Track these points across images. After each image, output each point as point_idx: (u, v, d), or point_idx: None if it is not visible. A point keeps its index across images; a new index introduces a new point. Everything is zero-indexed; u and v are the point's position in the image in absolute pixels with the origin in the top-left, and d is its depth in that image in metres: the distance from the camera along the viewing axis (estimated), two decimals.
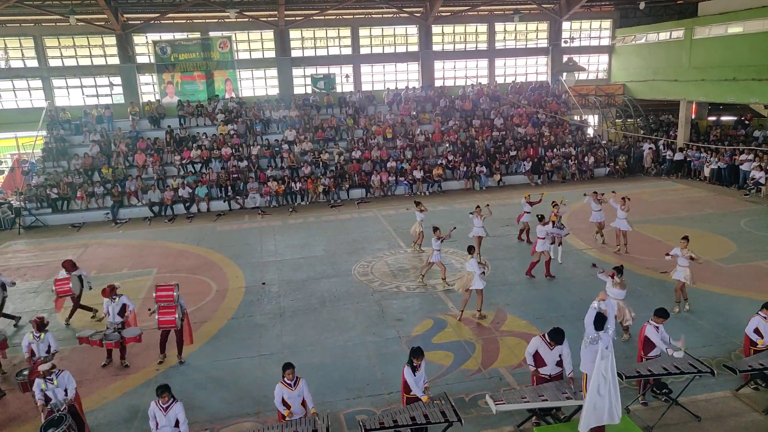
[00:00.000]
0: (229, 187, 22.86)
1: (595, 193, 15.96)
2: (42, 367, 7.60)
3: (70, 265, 11.99)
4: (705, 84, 25.56)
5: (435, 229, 13.24)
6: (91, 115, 25.75)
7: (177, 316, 9.72)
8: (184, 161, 23.87)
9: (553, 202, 14.33)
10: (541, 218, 13.26)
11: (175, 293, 9.78)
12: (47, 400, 7.54)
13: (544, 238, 12.97)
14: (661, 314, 8.02)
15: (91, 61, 27.18)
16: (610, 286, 9.67)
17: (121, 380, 9.62)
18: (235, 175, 23.26)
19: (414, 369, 7.31)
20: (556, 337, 7.42)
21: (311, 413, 7.25)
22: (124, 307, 10.17)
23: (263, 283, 13.79)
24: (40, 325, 9.08)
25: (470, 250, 11.43)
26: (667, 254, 11.41)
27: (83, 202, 22.05)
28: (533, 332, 10.46)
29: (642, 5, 28.30)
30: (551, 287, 12.80)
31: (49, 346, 9.07)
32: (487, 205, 15.55)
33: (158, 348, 10.16)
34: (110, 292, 10.11)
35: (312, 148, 24.93)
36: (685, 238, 11.31)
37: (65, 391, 7.63)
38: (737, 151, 23.08)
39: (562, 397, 7.30)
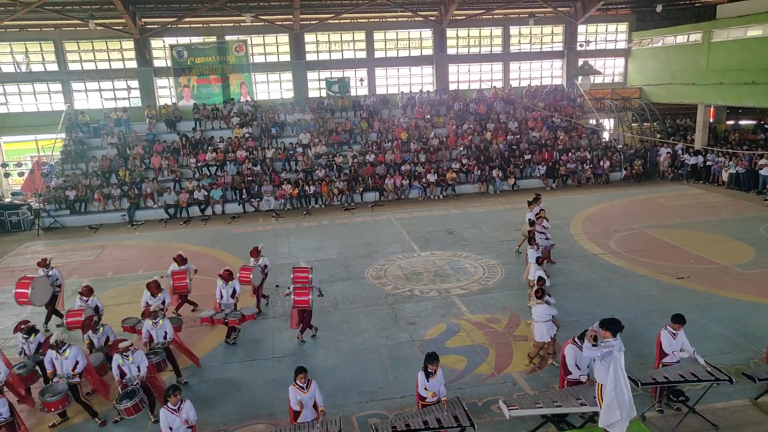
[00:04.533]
0: (244, 190, 23.03)
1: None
2: (122, 345, 8.41)
3: (255, 253, 12.64)
4: (723, 88, 25.22)
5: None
6: (109, 118, 26.10)
7: (311, 297, 10.62)
8: (199, 164, 24.09)
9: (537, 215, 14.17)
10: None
11: (310, 275, 10.95)
12: (122, 374, 8.36)
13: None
14: (678, 320, 7.89)
15: (110, 65, 27.59)
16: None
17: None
18: (250, 178, 23.41)
19: (428, 375, 7.29)
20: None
21: (320, 411, 7.28)
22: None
23: (277, 286, 13.84)
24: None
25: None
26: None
27: (100, 203, 22.34)
28: None
29: (659, 8, 27.99)
30: (566, 292, 12.69)
31: (166, 333, 9.56)
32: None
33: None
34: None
35: (326, 152, 25.02)
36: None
37: (138, 368, 8.38)
38: (756, 155, 22.72)
39: (576, 403, 7.23)
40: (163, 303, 10.78)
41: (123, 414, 8.09)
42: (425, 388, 7.30)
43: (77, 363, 8.48)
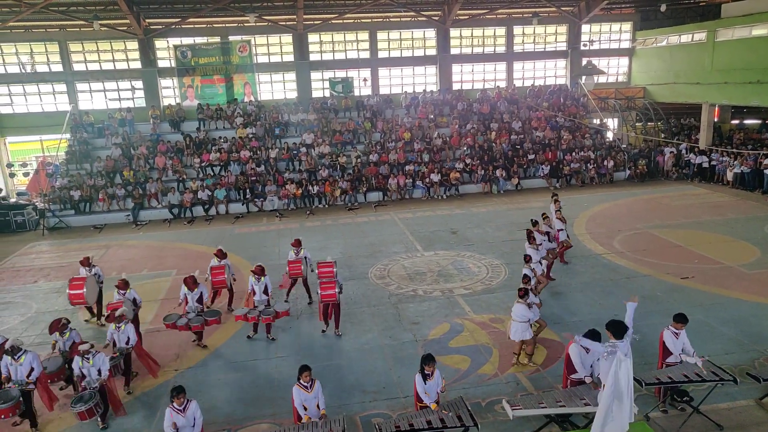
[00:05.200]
0: (248, 190, 23.07)
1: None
2: (82, 347, 8.30)
3: (297, 243, 12.84)
4: (728, 87, 25.14)
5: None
6: (113, 119, 26.19)
7: (337, 290, 10.59)
8: (203, 164, 24.15)
9: (543, 213, 14.17)
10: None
11: (335, 269, 11.00)
12: (83, 377, 8.24)
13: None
14: (680, 320, 7.88)
15: (114, 66, 27.69)
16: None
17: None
18: (254, 178, 23.45)
19: (425, 377, 7.28)
20: (594, 338, 7.32)
21: (321, 414, 7.28)
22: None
23: (281, 287, 13.83)
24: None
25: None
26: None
27: (105, 203, 22.42)
28: (550, 337, 10.39)
29: (663, 7, 27.95)
30: (568, 292, 12.68)
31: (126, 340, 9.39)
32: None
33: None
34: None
35: (330, 152, 25.05)
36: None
37: (99, 371, 8.26)
38: (761, 154, 22.63)
39: (580, 403, 7.22)
40: (201, 297, 10.86)
41: (76, 418, 7.92)
42: (426, 393, 7.29)
43: (32, 370, 8.28)
